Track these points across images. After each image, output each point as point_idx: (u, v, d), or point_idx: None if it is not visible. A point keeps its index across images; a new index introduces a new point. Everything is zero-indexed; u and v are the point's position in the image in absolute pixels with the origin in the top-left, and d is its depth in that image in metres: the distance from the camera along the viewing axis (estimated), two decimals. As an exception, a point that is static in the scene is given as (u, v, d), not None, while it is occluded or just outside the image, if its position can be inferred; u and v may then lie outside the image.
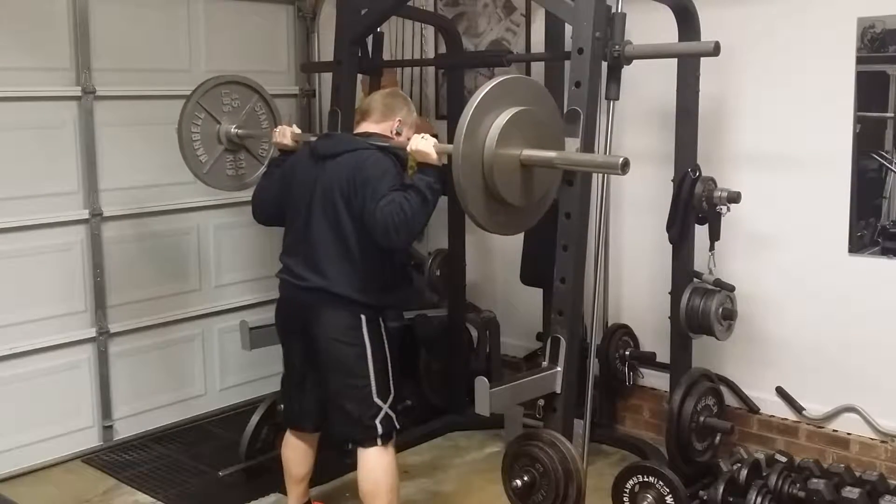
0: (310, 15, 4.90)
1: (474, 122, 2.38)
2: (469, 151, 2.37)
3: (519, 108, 2.46)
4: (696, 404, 3.47)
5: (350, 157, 2.94)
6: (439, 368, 4.37)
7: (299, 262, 3.04)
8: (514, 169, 2.46)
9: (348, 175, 2.91)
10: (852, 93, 3.48)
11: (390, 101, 3.13)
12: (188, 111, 3.53)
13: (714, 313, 3.47)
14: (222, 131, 3.62)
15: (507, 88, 2.48)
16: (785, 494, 3.14)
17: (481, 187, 2.43)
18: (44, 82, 3.86)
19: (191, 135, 3.56)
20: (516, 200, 2.51)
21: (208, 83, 3.58)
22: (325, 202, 2.96)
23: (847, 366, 3.62)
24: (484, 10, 4.59)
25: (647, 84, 3.77)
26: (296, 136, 3.27)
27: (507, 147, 2.42)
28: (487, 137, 2.41)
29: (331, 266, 2.96)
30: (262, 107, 3.74)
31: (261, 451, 3.74)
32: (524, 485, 2.83)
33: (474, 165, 2.39)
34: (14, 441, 3.88)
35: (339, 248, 2.95)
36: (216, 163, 3.65)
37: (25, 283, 3.87)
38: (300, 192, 3.05)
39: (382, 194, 2.81)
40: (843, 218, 3.56)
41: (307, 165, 3.06)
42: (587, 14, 2.83)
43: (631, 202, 4.15)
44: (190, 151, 3.59)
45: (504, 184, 2.44)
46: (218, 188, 3.81)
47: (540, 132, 2.52)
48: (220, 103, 3.61)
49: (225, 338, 4.60)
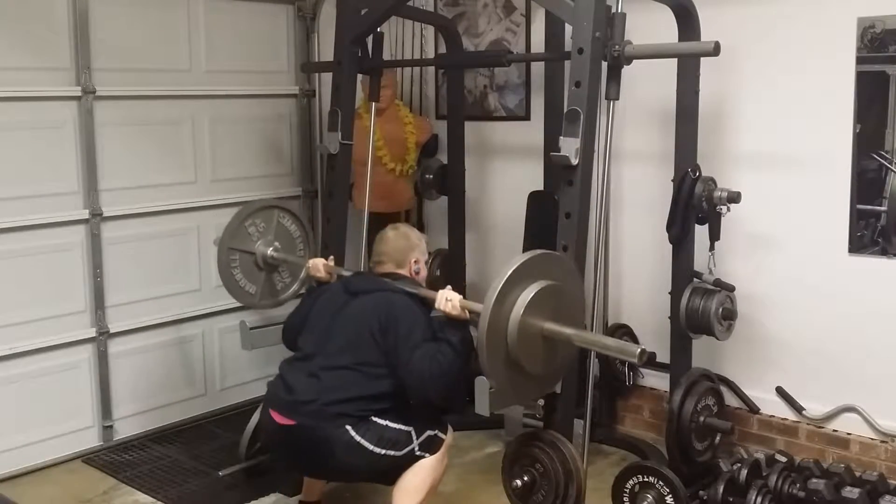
0: (310, 15, 4.90)
1: (503, 293, 2.45)
2: (496, 321, 2.45)
3: (545, 282, 2.53)
4: (696, 404, 3.47)
5: (381, 296, 3.04)
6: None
7: (300, 374, 3.03)
8: (535, 340, 2.52)
9: (379, 312, 2.97)
10: (852, 93, 3.48)
11: (400, 246, 3.22)
12: (222, 257, 3.65)
13: (714, 313, 3.47)
14: (259, 258, 3.74)
15: (537, 262, 2.55)
16: (785, 494, 3.14)
17: (503, 354, 2.50)
18: (44, 82, 3.86)
19: (233, 276, 3.70)
20: (535, 369, 2.58)
21: (231, 225, 3.68)
22: (348, 329, 3.01)
23: (847, 366, 3.62)
24: (484, 10, 4.59)
25: (647, 84, 3.77)
26: (329, 268, 3.41)
27: (531, 318, 2.48)
28: (514, 307, 2.48)
29: (332, 381, 2.95)
30: (286, 216, 3.84)
31: (261, 451, 3.74)
32: (524, 485, 2.83)
33: (499, 333, 2.47)
34: (14, 441, 3.87)
35: (350, 369, 2.95)
36: (263, 287, 3.78)
37: (25, 283, 3.87)
38: (322, 314, 3.13)
39: (416, 345, 2.88)
40: (842, 218, 3.56)
41: (337, 296, 3.15)
42: (587, 14, 2.83)
43: (631, 202, 4.15)
44: (239, 292, 3.74)
45: (525, 353, 2.51)
46: (272, 308, 3.90)
47: (561, 305, 2.58)
48: (248, 234, 3.71)
49: (225, 338, 4.59)
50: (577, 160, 2.82)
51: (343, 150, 3.84)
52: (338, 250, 3.86)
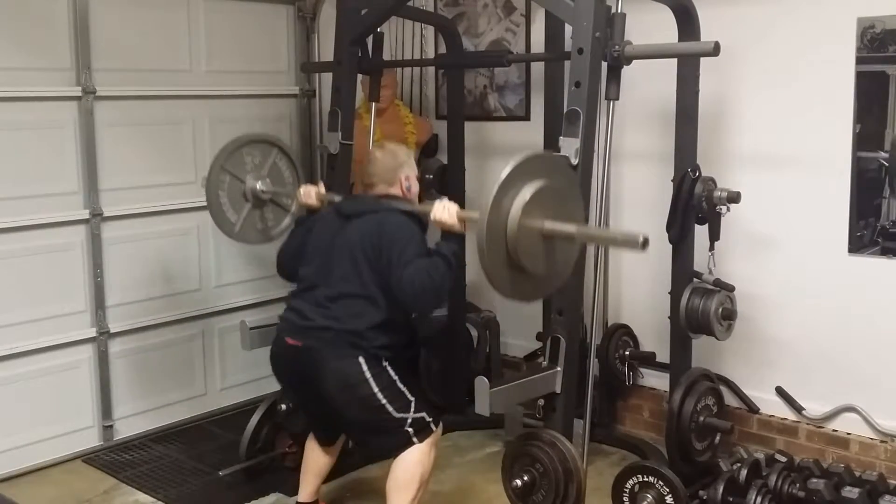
0: (310, 15, 4.90)
1: (500, 194, 2.42)
2: (495, 222, 2.41)
3: (543, 182, 2.49)
4: (695, 404, 3.47)
5: (374, 217, 3.02)
6: (439, 368, 4.37)
7: (307, 302, 3.06)
8: (536, 240, 2.50)
9: (372, 233, 2.97)
10: (852, 93, 3.48)
11: (388, 164, 3.16)
12: (213, 176, 3.58)
13: (714, 313, 3.47)
14: (248, 189, 3.67)
15: (531, 163, 2.51)
16: (785, 494, 3.15)
17: (504, 257, 2.47)
18: (44, 82, 3.86)
19: (219, 199, 3.62)
20: (538, 270, 2.54)
21: (230, 146, 3.62)
22: (345, 255, 3.01)
23: (847, 365, 3.62)
24: (484, 10, 4.59)
25: (647, 84, 3.77)
26: (321, 196, 3.35)
27: (530, 219, 2.45)
28: (512, 209, 2.45)
29: (339, 308, 2.97)
30: (282, 158, 3.79)
31: (261, 450, 3.74)
32: (524, 485, 2.83)
33: (498, 236, 2.44)
34: (14, 441, 3.88)
35: (353, 299, 2.97)
36: (245, 220, 3.71)
37: (25, 283, 3.87)
38: (319, 243, 3.12)
39: (408, 260, 2.87)
40: (842, 218, 3.56)
41: (331, 222, 3.14)
42: (587, 14, 2.83)
43: (631, 202, 4.15)
44: (220, 214, 3.65)
45: (526, 254, 2.48)
46: (249, 243, 3.85)
47: (560, 205, 2.55)
48: (243, 163, 3.65)
49: (225, 338, 4.60)
50: (577, 160, 2.82)
51: (343, 150, 3.84)
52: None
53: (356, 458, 3.68)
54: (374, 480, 3.63)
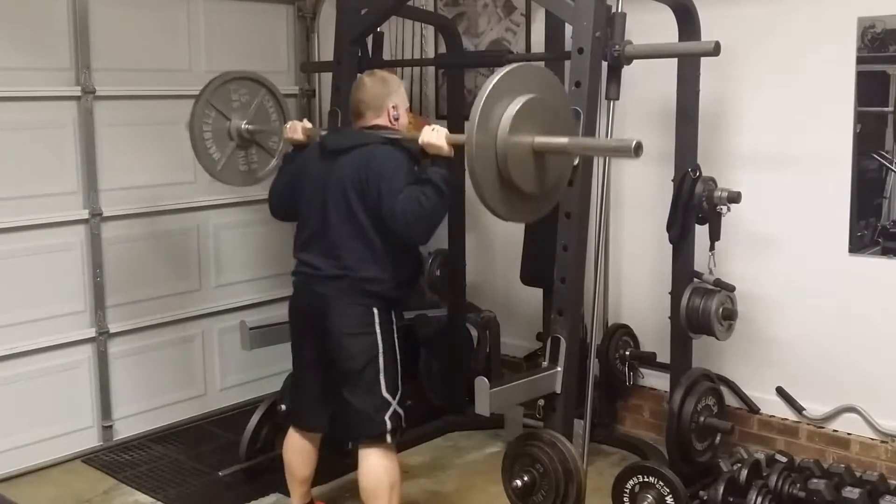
0: (310, 15, 4.90)
1: (486, 111, 2.37)
2: (482, 140, 2.37)
3: (530, 96, 2.45)
4: (696, 404, 3.47)
5: (361, 151, 2.96)
6: (439, 368, 4.36)
7: (316, 254, 3.04)
8: (527, 156, 2.45)
9: (360, 169, 2.92)
10: (852, 92, 3.48)
11: (377, 91, 3.08)
12: (198, 110, 3.53)
13: (714, 313, 3.47)
14: (233, 128, 3.62)
15: (517, 77, 2.46)
16: (785, 494, 3.14)
17: (495, 175, 2.42)
18: (44, 82, 3.86)
19: (202, 133, 3.56)
20: (530, 188, 2.51)
21: (216, 81, 3.57)
22: (338, 197, 2.97)
23: (847, 366, 3.62)
24: (484, 10, 4.59)
25: (647, 84, 3.77)
26: (307, 130, 3.28)
27: (519, 134, 2.41)
28: (500, 126, 2.40)
29: (349, 256, 2.96)
30: (270, 100, 3.74)
31: (261, 451, 3.74)
32: (524, 485, 2.83)
33: (488, 154, 2.39)
34: (14, 441, 3.87)
35: (356, 240, 2.95)
36: (228, 160, 3.66)
37: (25, 283, 3.87)
38: (313, 188, 3.07)
39: (399, 189, 2.82)
40: (843, 218, 3.56)
41: (319, 161, 3.08)
42: (587, 14, 2.83)
43: (631, 202, 4.15)
44: (202, 149, 3.59)
45: (518, 171, 2.44)
46: (231, 184, 3.81)
47: (551, 119, 2.51)
48: (230, 100, 3.60)
49: (225, 338, 4.59)
50: (577, 160, 2.82)
51: (343, 150, 3.83)
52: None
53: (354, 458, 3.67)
54: (373, 481, 3.62)
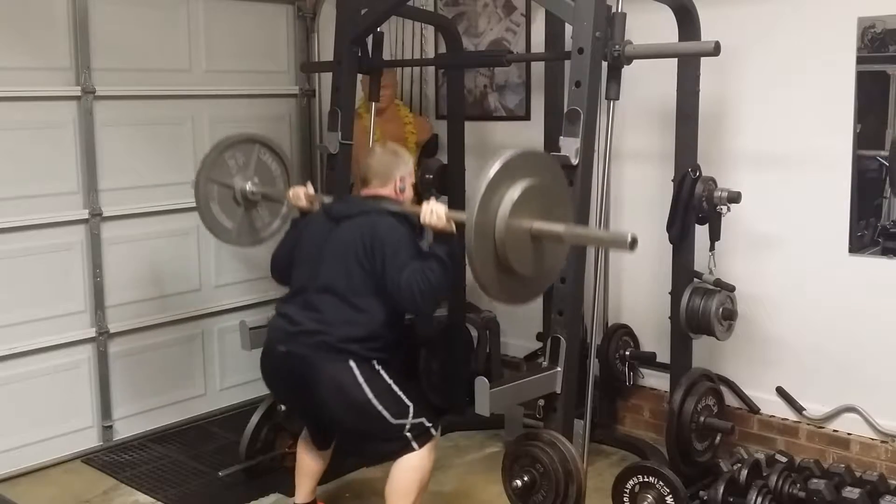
0: (310, 15, 4.90)
1: (488, 194, 2.40)
2: (482, 221, 2.40)
3: (530, 181, 2.48)
4: (696, 404, 3.47)
5: (365, 219, 3.00)
6: (439, 368, 4.36)
7: (299, 308, 3.04)
8: (524, 240, 2.49)
9: (365, 235, 2.96)
10: (852, 93, 3.48)
11: (387, 161, 3.14)
12: (201, 190, 3.54)
13: (714, 313, 3.47)
14: (238, 192, 3.62)
15: (519, 162, 2.49)
16: (785, 495, 3.14)
17: (493, 257, 2.45)
18: (44, 82, 3.86)
19: (210, 210, 3.58)
20: (526, 271, 2.53)
21: (210, 156, 3.55)
22: (336, 257, 2.99)
23: (847, 366, 3.62)
24: (484, 10, 4.59)
25: (647, 84, 3.77)
26: (310, 197, 3.33)
27: (518, 219, 2.44)
28: (500, 210, 2.44)
29: (334, 315, 2.95)
30: (266, 152, 3.72)
31: (261, 451, 3.74)
32: (524, 485, 2.83)
33: (487, 236, 2.42)
34: (14, 441, 3.87)
35: (345, 301, 2.96)
36: (241, 224, 3.68)
37: (25, 283, 3.86)
38: (310, 246, 3.11)
39: (404, 264, 2.86)
40: (843, 218, 3.56)
41: (321, 225, 3.13)
42: (587, 14, 2.83)
43: (631, 202, 4.15)
44: (215, 224, 3.61)
45: (515, 254, 2.46)
46: (249, 246, 3.80)
47: (549, 204, 2.54)
48: (227, 167, 3.60)
49: (225, 338, 4.60)
50: (577, 160, 2.82)
51: (343, 150, 3.84)
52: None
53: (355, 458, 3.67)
54: (373, 481, 3.62)
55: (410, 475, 2.98)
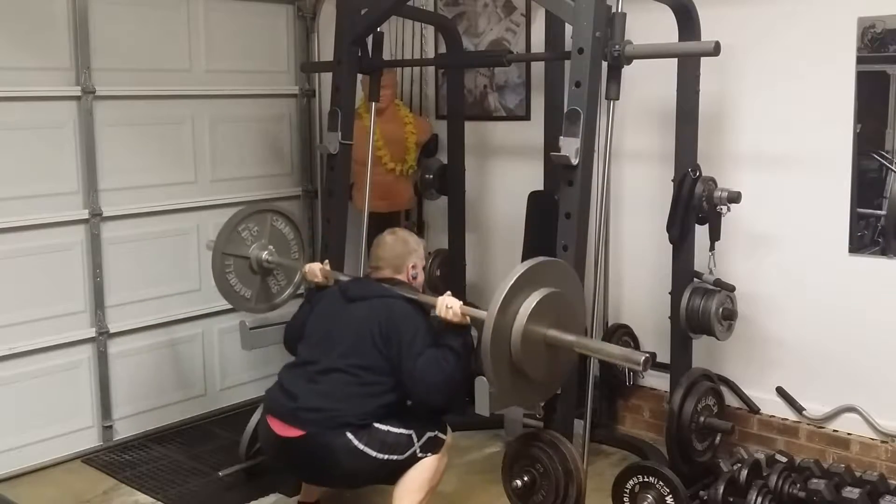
0: (310, 15, 4.90)
1: (508, 299, 2.45)
2: (500, 326, 2.45)
3: (549, 290, 2.53)
4: (696, 404, 3.47)
5: (380, 302, 3.03)
6: (439, 368, 4.36)
7: (302, 380, 3.04)
8: (538, 346, 2.53)
9: (380, 317, 2.98)
10: (852, 92, 3.48)
11: (398, 251, 3.20)
12: (217, 265, 3.61)
13: (714, 313, 3.47)
14: (254, 262, 3.70)
15: (541, 270, 2.56)
16: (785, 494, 3.14)
17: (507, 359, 2.50)
18: (44, 82, 3.86)
19: (227, 282, 3.65)
20: (538, 375, 2.58)
21: (223, 233, 3.62)
22: (347, 336, 3.01)
23: (847, 366, 3.62)
24: (484, 10, 4.59)
25: (647, 84, 3.77)
26: (325, 273, 3.39)
27: (534, 325, 2.49)
28: (518, 313, 2.48)
29: (339, 390, 2.96)
30: (279, 219, 3.80)
31: (260, 451, 3.73)
32: (524, 485, 2.83)
33: (503, 338, 2.47)
34: (14, 441, 3.87)
35: (355, 378, 2.96)
36: (259, 291, 3.75)
37: (25, 283, 3.86)
38: (320, 322, 3.14)
39: (419, 353, 2.89)
40: (843, 218, 3.56)
41: (335, 302, 3.16)
42: (587, 14, 2.83)
43: (631, 202, 4.15)
44: (233, 295, 3.70)
45: (528, 358, 2.51)
46: (269, 311, 3.84)
47: (563, 313, 2.58)
48: (241, 239, 3.67)
49: (225, 338, 4.59)
50: (577, 160, 2.82)
51: (343, 150, 3.84)
52: (338, 250, 3.86)
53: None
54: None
55: (424, 474, 3.01)
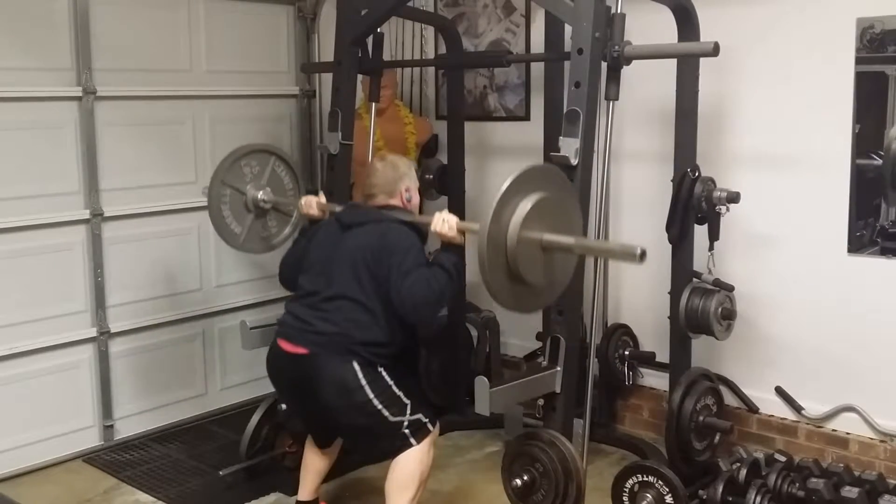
0: (310, 15, 4.91)
1: (501, 205, 2.44)
2: (495, 233, 2.44)
3: (543, 194, 2.52)
4: (695, 404, 3.47)
5: (374, 227, 3.03)
6: (439, 368, 4.37)
7: (307, 308, 3.06)
8: (535, 251, 2.52)
9: (373, 243, 2.98)
10: (852, 93, 3.49)
11: (389, 176, 3.17)
12: (214, 191, 3.59)
13: (713, 313, 3.48)
14: (249, 199, 3.68)
15: (533, 175, 2.54)
16: (784, 494, 3.15)
17: (504, 268, 2.49)
18: (44, 82, 3.86)
19: (221, 213, 3.63)
20: (536, 281, 2.56)
21: (227, 160, 3.61)
22: (346, 262, 3.01)
23: (846, 365, 3.63)
24: (484, 10, 4.60)
25: (647, 84, 3.77)
26: (322, 205, 3.37)
27: (529, 231, 2.48)
28: (512, 221, 2.47)
29: (343, 317, 2.97)
30: (281, 165, 3.78)
31: (261, 450, 3.74)
32: (524, 484, 2.83)
33: (499, 246, 2.46)
34: (14, 441, 3.88)
35: (354, 304, 2.97)
36: (249, 230, 3.72)
37: (25, 283, 3.87)
38: (319, 252, 3.13)
39: (409, 270, 2.88)
40: (842, 218, 3.57)
41: (332, 231, 3.15)
42: (587, 14, 2.83)
43: (631, 202, 4.16)
44: (224, 228, 3.66)
45: (525, 265, 2.50)
46: (254, 252, 3.85)
47: (560, 217, 2.57)
48: (242, 174, 3.65)
49: (225, 338, 4.60)
50: (577, 160, 2.83)
51: (343, 151, 3.84)
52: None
53: (356, 457, 3.68)
54: (373, 480, 3.63)
55: (409, 470, 3.00)
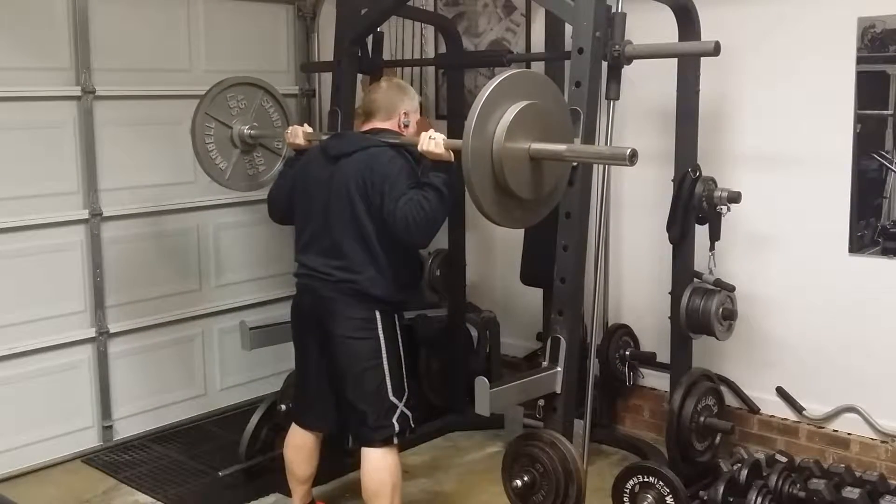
0: (310, 15, 4.90)
1: (482, 117, 2.39)
2: (478, 146, 2.39)
3: (526, 103, 2.46)
4: (696, 404, 3.47)
5: (363, 154, 2.97)
6: (439, 368, 4.37)
7: (315, 256, 3.05)
8: (523, 162, 2.47)
9: (363, 173, 2.93)
10: (852, 93, 3.48)
11: (392, 95, 3.13)
12: (198, 123, 3.54)
13: (714, 313, 3.47)
14: (235, 134, 3.64)
15: (514, 83, 2.48)
16: (785, 494, 3.14)
17: (491, 181, 2.44)
18: (44, 82, 3.86)
19: (206, 146, 3.58)
20: (526, 193, 2.52)
21: (213, 91, 3.56)
22: (341, 199, 2.98)
23: (847, 366, 3.62)
24: (484, 10, 4.59)
25: (647, 84, 3.77)
26: (308, 135, 3.32)
27: (515, 141, 2.43)
28: (496, 132, 2.42)
29: (349, 258, 2.97)
30: (269, 100, 3.74)
31: (261, 451, 3.74)
32: (524, 485, 2.83)
33: (483, 160, 2.40)
34: (14, 441, 3.88)
35: (357, 243, 2.96)
36: (235, 167, 3.68)
37: (25, 283, 3.87)
38: (315, 191, 3.07)
39: (401, 193, 2.84)
40: (843, 218, 3.56)
41: (320, 165, 3.09)
42: (587, 14, 2.83)
43: (631, 202, 4.15)
44: (208, 162, 3.62)
45: (513, 177, 2.45)
46: (240, 190, 3.85)
47: (548, 125, 2.52)
48: (228, 107, 3.61)
49: (225, 338, 4.60)
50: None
51: (343, 150, 3.83)
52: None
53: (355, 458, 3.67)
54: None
55: (380, 477, 3.01)
